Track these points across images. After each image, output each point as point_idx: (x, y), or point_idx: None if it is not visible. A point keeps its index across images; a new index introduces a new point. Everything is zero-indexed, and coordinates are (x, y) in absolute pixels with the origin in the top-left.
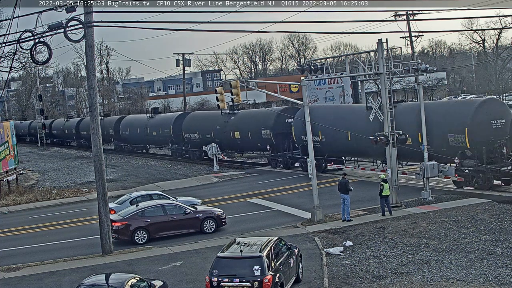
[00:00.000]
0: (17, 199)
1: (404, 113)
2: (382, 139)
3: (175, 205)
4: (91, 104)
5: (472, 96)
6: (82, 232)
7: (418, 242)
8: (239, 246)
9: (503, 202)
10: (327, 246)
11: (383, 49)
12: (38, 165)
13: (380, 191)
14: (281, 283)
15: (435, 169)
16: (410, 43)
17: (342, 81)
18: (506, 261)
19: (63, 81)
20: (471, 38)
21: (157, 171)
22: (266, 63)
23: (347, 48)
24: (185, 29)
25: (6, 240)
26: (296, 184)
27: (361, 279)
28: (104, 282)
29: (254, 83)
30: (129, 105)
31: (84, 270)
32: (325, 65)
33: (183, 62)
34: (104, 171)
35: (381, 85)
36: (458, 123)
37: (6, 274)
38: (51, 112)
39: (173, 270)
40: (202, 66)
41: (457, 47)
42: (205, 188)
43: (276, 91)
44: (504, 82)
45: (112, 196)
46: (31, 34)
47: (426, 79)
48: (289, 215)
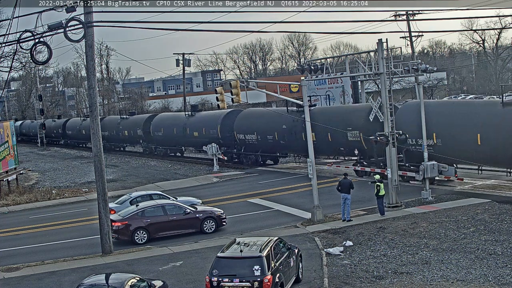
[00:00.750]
0: (17, 199)
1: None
2: (382, 139)
3: (175, 205)
4: (91, 104)
5: (472, 96)
6: (82, 232)
7: (418, 242)
8: (239, 246)
9: (503, 202)
10: (327, 246)
11: (383, 49)
12: (38, 165)
13: (377, 191)
14: (281, 283)
15: (435, 169)
16: (410, 43)
17: (342, 81)
18: (506, 261)
19: (63, 81)
20: (471, 38)
21: (157, 171)
22: (266, 63)
23: (347, 48)
24: (185, 29)
25: (6, 240)
26: (296, 184)
27: (361, 279)
28: (104, 282)
29: (254, 83)
30: (129, 105)
31: (84, 270)
32: (325, 65)
33: (183, 62)
34: (104, 171)
35: (381, 85)
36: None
37: (6, 274)
38: (51, 112)
39: (173, 270)
40: (202, 66)
41: (457, 47)
42: (205, 188)
43: (276, 91)
44: (504, 82)
45: (112, 196)
46: (31, 34)
47: (426, 79)
48: (289, 215)
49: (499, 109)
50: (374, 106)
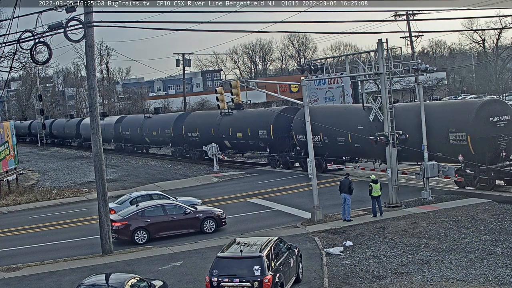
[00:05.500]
0: (17, 199)
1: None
2: (382, 139)
3: (175, 205)
4: (91, 104)
5: (472, 96)
6: (82, 232)
7: (418, 242)
8: (239, 246)
9: (503, 202)
10: (327, 246)
11: (383, 49)
12: (38, 165)
13: (369, 191)
14: (281, 283)
15: (435, 169)
16: (410, 43)
17: (342, 81)
18: (506, 261)
19: (63, 81)
20: (471, 38)
21: (157, 171)
22: (266, 63)
23: (347, 48)
24: (185, 29)
25: (6, 240)
26: (296, 184)
27: (361, 279)
28: (104, 282)
29: (254, 83)
30: (129, 105)
31: (84, 270)
32: (325, 65)
33: (183, 62)
34: (104, 171)
35: (381, 85)
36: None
37: (6, 274)
38: (51, 112)
39: (173, 270)
40: (202, 66)
41: (457, 47)
42: (205, 188)
43: (276, 91)
44: (504, 82)
45: (112, 196)
46: (31, 34)
47: (426, 79)
48: (289, 215)
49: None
50: (374, 106)
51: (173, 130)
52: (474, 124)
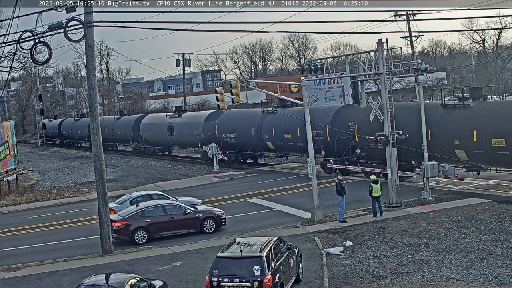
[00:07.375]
0: (17, 199)
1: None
2: (382, 139)
3: (175, 205)
4: (91, 104)
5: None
6: (82, 232)
7: (418, 242)
8: (239, 246)
9: (503, 202)
10: (327, 246)
11: (383, 49)
12: (38, 165)
13: (370, 192)
14: (281, 283)
15: (435, 169)
16: (410, 43)
17: (342, 81)
18: (506, 261)
19: (63, 81)
20: (471, 38)
21: (157, 171)
22: (266, 63)
23: (347, 48)
24: (185, 29)
25: (6, 240)
26: (296, 184)
27: (361, 279)
28: (104, 282)
29: (254, 83)
30: (129, 105)
31: (84, 270)
32: (325, 65)
33: (183, 62)
34: (104, 171)
35: (381, 85)
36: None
37: (6, 274)
38: (51, 112)
39: (173, 270)
40: (202, 66)
41: (457, 47)
42: (205, 188)
43: (276, 91)
44: (504, 82)
45: (112, 196)
46: (31, 34)
47: (426, 79)
48: (289, 215)
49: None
50: (374, 106)
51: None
52: None
